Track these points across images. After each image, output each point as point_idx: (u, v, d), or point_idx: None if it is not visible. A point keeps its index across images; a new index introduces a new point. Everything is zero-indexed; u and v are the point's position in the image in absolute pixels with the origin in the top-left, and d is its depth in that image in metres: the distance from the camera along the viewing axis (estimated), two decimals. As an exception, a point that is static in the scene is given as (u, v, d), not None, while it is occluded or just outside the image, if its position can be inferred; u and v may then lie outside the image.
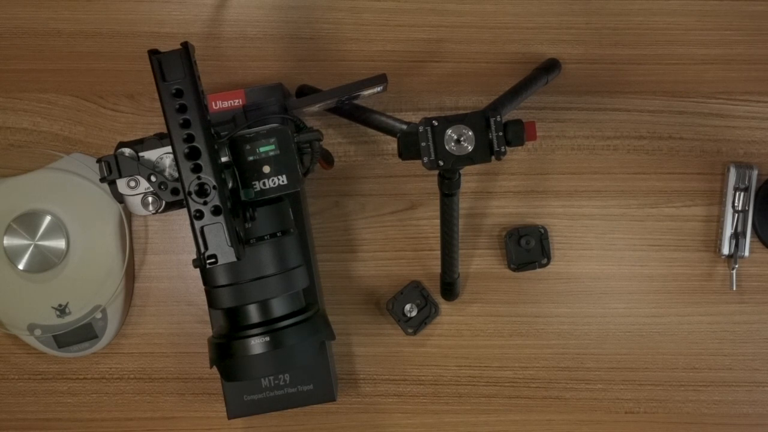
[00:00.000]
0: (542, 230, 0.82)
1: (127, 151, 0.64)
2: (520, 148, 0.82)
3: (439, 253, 0.77)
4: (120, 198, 0.65)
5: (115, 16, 0.82)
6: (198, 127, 0.60)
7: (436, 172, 0.68)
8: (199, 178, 0.60)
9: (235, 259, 0.60)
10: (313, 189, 0.82)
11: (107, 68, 0.82)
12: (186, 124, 0.60)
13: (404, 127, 0.74)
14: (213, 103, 0.73)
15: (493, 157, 0.65)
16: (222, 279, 0.64)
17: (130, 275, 0.82)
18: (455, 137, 0.65)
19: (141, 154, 0.64)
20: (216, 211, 0.60)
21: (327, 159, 0.77)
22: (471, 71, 0.82)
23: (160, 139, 0.64)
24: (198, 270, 0.64)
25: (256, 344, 0.64)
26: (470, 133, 0.65)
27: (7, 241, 0.78)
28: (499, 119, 0.65)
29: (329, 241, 0.83)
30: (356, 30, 0.82)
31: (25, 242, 0.78)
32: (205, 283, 0.65)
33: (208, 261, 0.60)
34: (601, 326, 0.83)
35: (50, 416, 0.83)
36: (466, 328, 0.83)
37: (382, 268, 0.83)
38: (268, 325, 0.65)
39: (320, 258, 0.82)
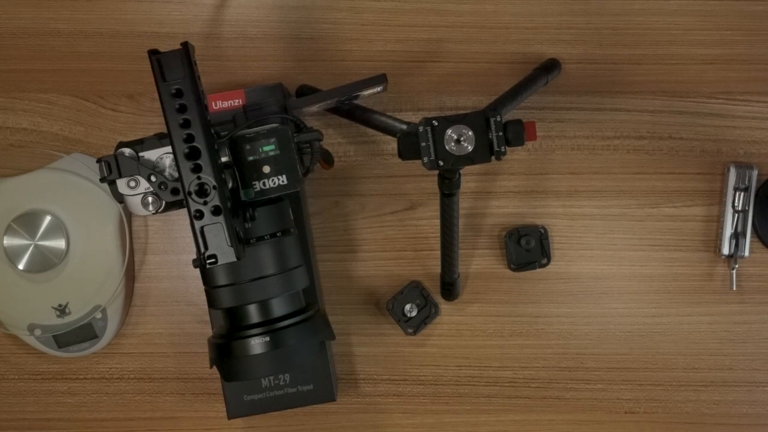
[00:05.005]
0: (542, 230, 0.82)
1: (127, 151, 0.64)
2: (520, 148, 0.82)
3: (439, 253, 0.77)
4: (120, 198, 0.65)
5: (115, 16, 0.82)
6: (198, 127, 0.60)
7: (436, 172, 0.68)
8: (199, 178, 0.60)
9: (235, 259, 0.60)
10: (313, 189, 0.82)
11: (107, 68, 0.82)
12: (186, 124, 0.60)
13: (404, 127, 0.74)
14: (213, 103, 0.73)
15: (493, 157, 0.65)
16: (222, 279, 0.64)
17: (130, 275, 0.82)
18: (455, 137, 0.65)
19: (141, 154, 0.64)
20: (216, 211, 0.60)
21: (327, 159, 0.77)
22: (471, 71, 0.82)
23: (160, 139, 0.64)
24: (198, 270, 0.64)
25: (256, 344, 0.64)
26: (470, 133, 0.65)
27: (7, 241, 0.78)
28: (499, 119, 0.65)
29: (329, 241, 0.82)
30: (356, 30, 0.82)
31: (25, 242, 0.78)
32: (205, 283, 0.65)
33: (208, 261, 0.60)
34: (601, 326, 0.83)
35: (50, 416, 0.83)
36: (466, 328, 0.83)
37: (382, 268, 0.83)
38: (268, 325, 0.65)
39: (320, 258, 0.82)
